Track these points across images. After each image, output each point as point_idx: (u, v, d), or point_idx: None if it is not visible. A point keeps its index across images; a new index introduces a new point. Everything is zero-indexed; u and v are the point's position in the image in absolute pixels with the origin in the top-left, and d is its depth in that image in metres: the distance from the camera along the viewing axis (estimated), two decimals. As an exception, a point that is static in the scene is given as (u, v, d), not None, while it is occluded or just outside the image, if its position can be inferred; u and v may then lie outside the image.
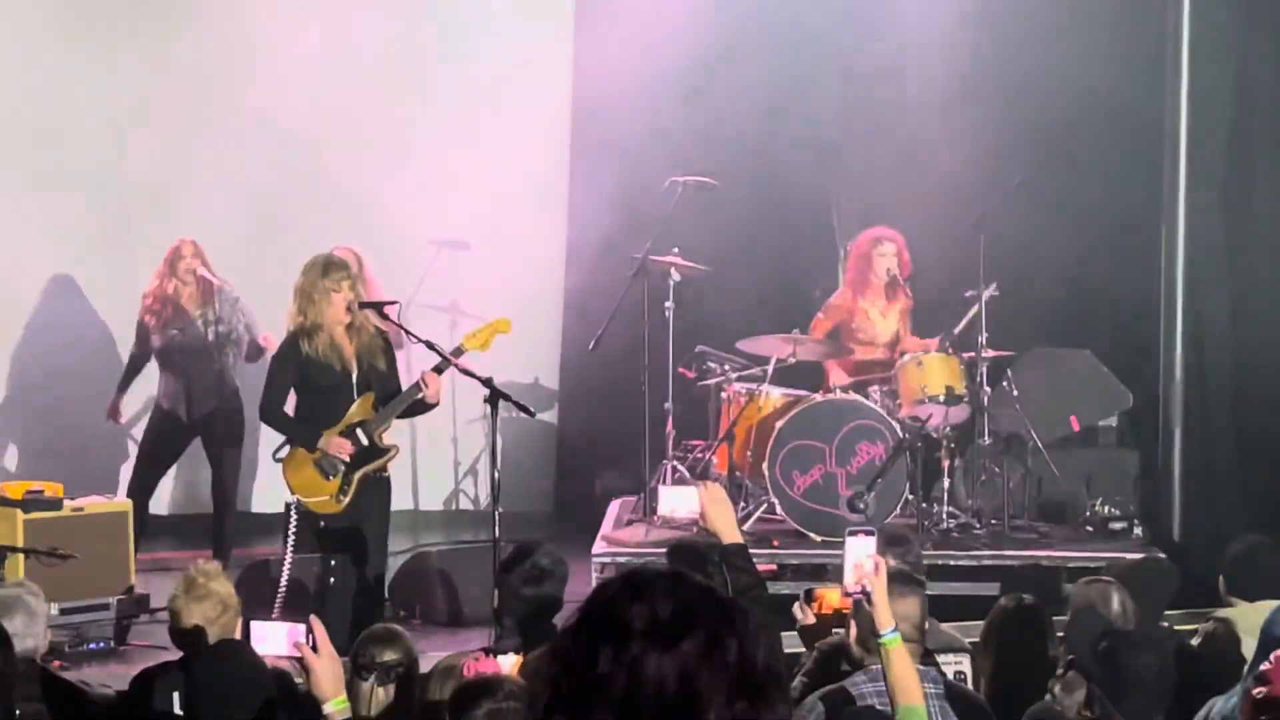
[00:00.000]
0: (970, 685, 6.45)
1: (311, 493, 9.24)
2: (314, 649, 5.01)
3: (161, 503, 11.64)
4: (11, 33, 12.07)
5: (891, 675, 5.22)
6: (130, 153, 12.36)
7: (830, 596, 6.45)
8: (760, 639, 2.32)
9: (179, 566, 6.97)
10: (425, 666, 6.08)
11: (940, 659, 6.15)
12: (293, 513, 9.21)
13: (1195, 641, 7.07)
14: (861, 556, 5.33)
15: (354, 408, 9.31)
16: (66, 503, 9.58)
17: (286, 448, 9.40)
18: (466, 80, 12.60)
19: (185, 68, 12.34)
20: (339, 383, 9.29)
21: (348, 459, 9.23)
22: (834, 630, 6.31)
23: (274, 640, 5.21)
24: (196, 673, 5.88)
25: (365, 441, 9.29)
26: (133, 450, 11.51)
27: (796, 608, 6.75)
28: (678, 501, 6.99)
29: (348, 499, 9.25)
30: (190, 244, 10.65)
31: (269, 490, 11.95)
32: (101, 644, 9.33)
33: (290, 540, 9.16)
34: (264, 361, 10.13)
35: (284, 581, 9.06)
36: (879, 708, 5.41)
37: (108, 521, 9.68)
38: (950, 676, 6.05)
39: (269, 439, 10.45)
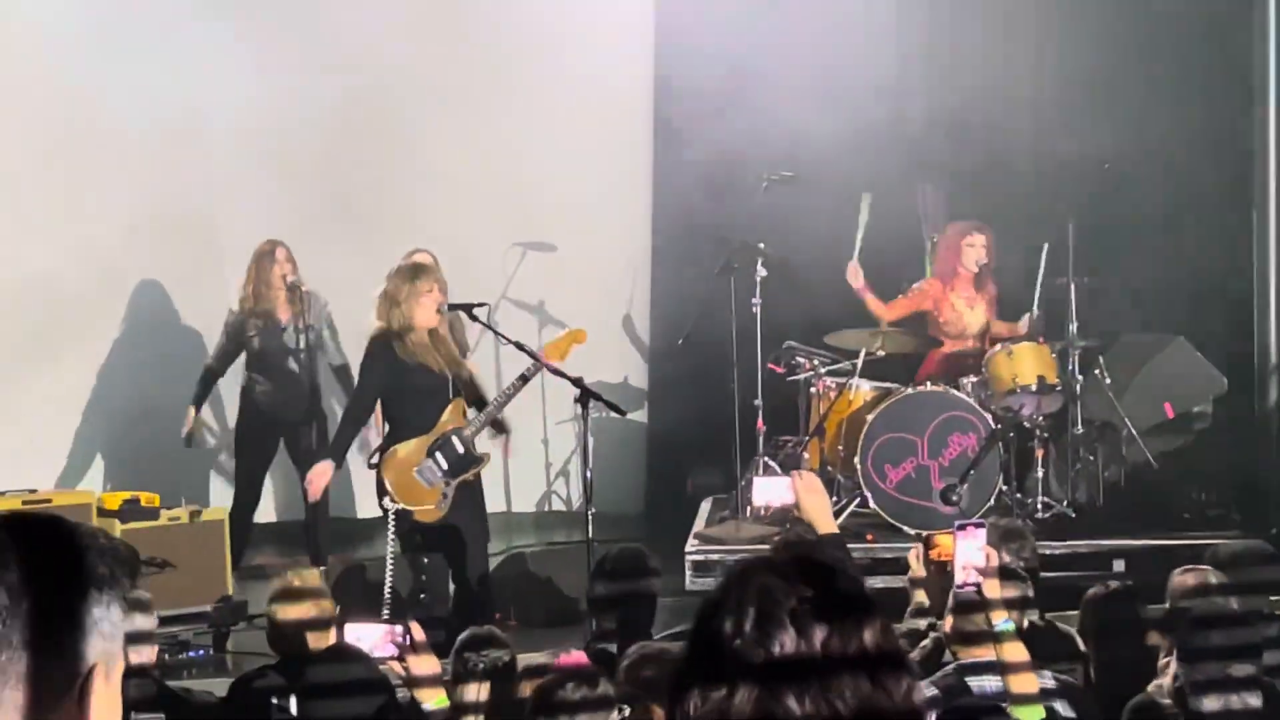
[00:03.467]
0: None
1: (413, 500, 9.26)
2: (413, 649, 5.02)
3: (264, 509, 11.72)
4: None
5: (1006, 665, 5.15)
6: (216, 157, 12.41)
7: (949, 543, 6.22)
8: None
9: (279, 572, 7.01)
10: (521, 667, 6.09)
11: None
12: (391, 518, 9.25)
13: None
14: (972, 550, 5.22)
15: (446, 414, 9.33)
16: (163, 512, 9.66)
17: (378, 454, 9.44)
18: (548, 80, 12.62)
19: (263, 72, 12.36)
20: (435, 386, 9.30)
21: (445, 466, 9.25)
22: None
23: (371, 641, 5.23)
24: (312, 677, 5.90)
25: (461, 449, 9.32)
26: (222, 460, 11.58)
27: (912, 555, 6.67)
28: (772, 492, 6.97)
29: (448, 505, 9.29)
30: (281, 248, 10.67)
31: (370, 495, 12.03)
32: (201, 652, 9.38)
33: (390, 545, 9.21)
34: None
35: (388, 586, 9.11)
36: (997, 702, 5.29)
37: (204, 530, 9.74)
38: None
39: (365, 445, 10.52)
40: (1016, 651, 5.16)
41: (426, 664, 5.03)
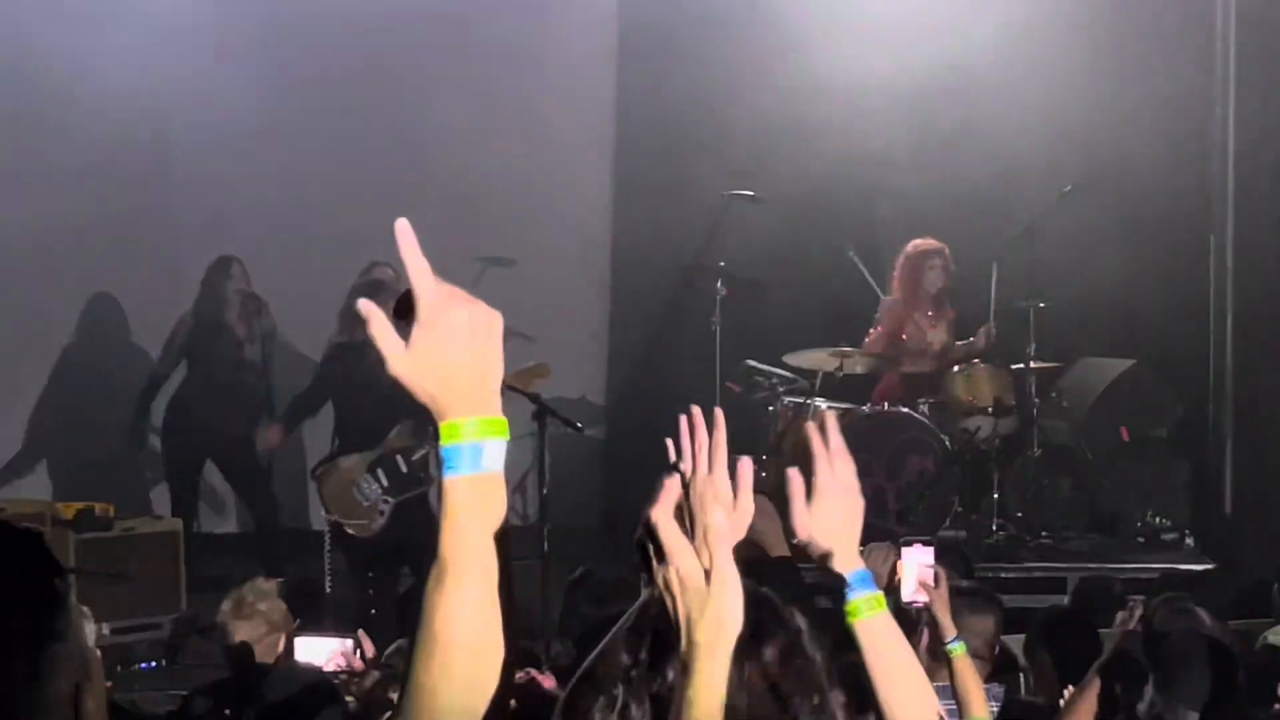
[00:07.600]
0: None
1: (347, 514, 9.24)
2: (363, 662, 5.01)
3: (224, 521, 11.66)
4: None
5: (957, 685, 5.15)
6: (174, 166, 12.37)
7: None
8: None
9: (238, 584, 7.00)
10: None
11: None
12: (328, 531, 9.25)
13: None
14: (920, 567, 5.24)
15: (394, 432, 9.31)
16: (117, 522, 9.61)
17: (324, 465, 9.42)
18: (509, 96, 12.61)
19: (224, 86, 12.33)
20: (388, 403, 9.28)
21: (385, 484, 9.23)
22: None
23: (321, 655, 5.21)
24: (264, 691, 5.88)
25: (405, 469, 9.29)
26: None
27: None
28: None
29: (383, 522, 9.25)
30: (236, 262, 10.62)
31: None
32: (153, 664, 9.34)
33: (327, 558, 9.19)
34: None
35: (326, 597, 9.11)
36: None
37: (159, 541, 9.70)
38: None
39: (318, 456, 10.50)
40: (965, 667, 5.16)
41: (377, 677, 5.02)
